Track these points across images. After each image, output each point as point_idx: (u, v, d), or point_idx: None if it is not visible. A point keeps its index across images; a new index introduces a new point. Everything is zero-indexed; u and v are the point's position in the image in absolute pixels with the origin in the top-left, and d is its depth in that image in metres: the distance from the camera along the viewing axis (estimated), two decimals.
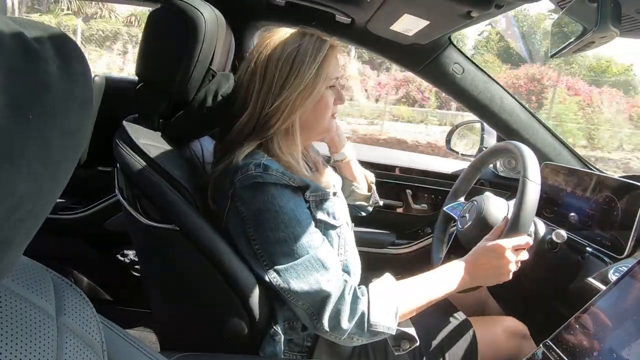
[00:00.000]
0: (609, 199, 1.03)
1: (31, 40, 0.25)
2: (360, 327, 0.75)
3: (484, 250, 0.86)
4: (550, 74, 12.84)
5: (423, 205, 1.63)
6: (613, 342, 0.63)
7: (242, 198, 0.77)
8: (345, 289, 0.76)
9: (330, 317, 0.74)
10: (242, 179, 0.76)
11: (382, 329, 0.75)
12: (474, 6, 0.91)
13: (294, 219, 0.76)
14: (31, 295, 0.34)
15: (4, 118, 0.22)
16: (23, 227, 0.26)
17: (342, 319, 0.74)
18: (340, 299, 0.74)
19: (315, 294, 0.74)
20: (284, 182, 0.77)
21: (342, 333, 0.75)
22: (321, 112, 0.87)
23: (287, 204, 0.76)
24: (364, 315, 0.74)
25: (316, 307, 0.75)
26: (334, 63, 0.85)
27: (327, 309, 0.74)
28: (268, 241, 0.76)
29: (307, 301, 0.75)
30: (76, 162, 0.30)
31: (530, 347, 1.01)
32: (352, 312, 0.74)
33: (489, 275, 0.86)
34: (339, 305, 0.74)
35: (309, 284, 0.74)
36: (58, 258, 1.49)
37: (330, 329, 0.74)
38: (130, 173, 0.80)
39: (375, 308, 0.75)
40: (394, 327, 0.76)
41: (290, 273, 0.75)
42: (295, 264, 0.75)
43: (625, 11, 0.67)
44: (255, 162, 0.77)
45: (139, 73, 0.89)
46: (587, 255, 1.04)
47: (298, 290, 0.74)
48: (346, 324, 0.74)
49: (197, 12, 0.82)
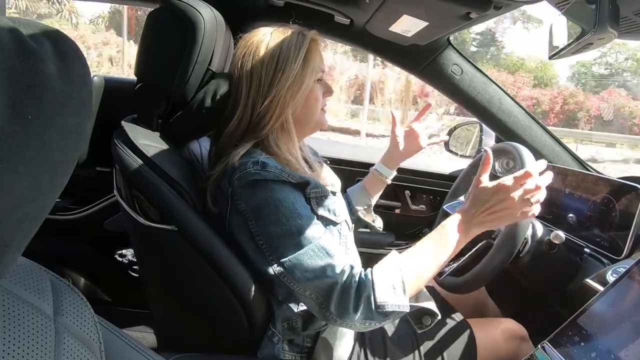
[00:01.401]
0: (607, 200, 1.04)
1: (30, 41, 0.25)
2: (368, 310, 0.71)
3: (482, 192, 0.79)
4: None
5: (421, 206, 1.64)
6: (611, 343, 0.63)
7: (242, 196, 0.76)
8: (350, 274, 0.73)
9: (337, 305, 0.72)
10: (240, 177, 0.76)
11: (392, 307, 0.72)
12: (472, 7, 0.92)
13: (295, 212, 0.75)
14: (29, 296, 0.34)
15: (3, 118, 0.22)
16: (22, 228, 0.26)
17: (349, 305, 0.71)
18: (345, 285, 0.72)
19: (322, 282, 0.72)
20: (282, 179, 0.77)
21: (351, 319, 0.72)
22: (312, 106, 0.87)
23: (286, 198, 0.76)
24: (369, 298, 0.71)
25: (324, 295, 0.72)
26: (318, 55, 0.86)
27: (334, 296, 0.72)
28: (271, 235, 0.75)
29: (315, 290, 0.73)
30: (75, 163, 0.30)
31: (528, 349, 1.01)
32: (357, 297, 0.72)
33: (494, 220, 0.79)
34: (344, 291, 0.72)
35: (314, 272, 0.73)
36: (56, 258, 1.49)
37: (338, 316, 0.72)
38: (128, 173, 0.80)
39: (381, 288, 0.72)
40: (404, 304, 0.73)
41: (295, 263, 0.73)
42: (300, 253, 0.73)
43: (624, 13, 0.67)
44: (253, 160, 0.77)
45: (138, 73, 0.89)
46: (585, 256, 1.04)
47: (304, 280, 0.73)
48: (352, 310, 0.71)
49: (196, 13, 0.82)
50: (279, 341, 0.82)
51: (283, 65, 0.81)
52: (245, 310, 0.80)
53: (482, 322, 1.05)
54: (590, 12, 0.64)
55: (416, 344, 0.93)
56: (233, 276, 0.79)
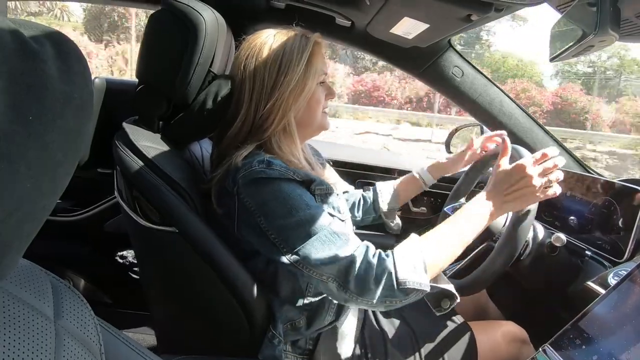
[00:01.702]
0: (609, 203, 1.03)
1: (31, 42, 0.25)
2: (389, 287, 0.71)
3: (502, 174, 0.81)
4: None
5: (422, 208, 1.63)
6: (612, 346, 0.63)
7: (248, 193, 0.76)
8: (368, 252, 0.73)
9: (357, 282, 0.71)
10: (245, 175, 0.76)
11: (413, 285, 0.71)
12: (473, 10, 0.92)
13: (303, 203, 0.75)
14: (29, 298, 0.34)
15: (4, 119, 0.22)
16: (23, 229, 0.26)
17: (369, 280, 0.71)
18: (364, 262, 0.72)
19: (339, 263, 0.72)
20: (288, 176, 0.76)
21: (372, 296, 0.71)
22: (313, 108, 0.87)
23: (293, 191, 0.76)
24: (391, 274, 0.71)
25: (342, 276, 0.72)
26: (321, 58, 0.86)
27: (353, 273, 0.71)
28: (282, 228, 0.74)
29: (332, 272, 0.72)
30: (76, 164, 0.30)
31: (529, 351, 1.01)
32: (378, 273, 0.71)
33: (517, 198, 0.80)
34: (364, 268, 0.71)
35: (330, 255, 0.72)
36: (57, 260, 1.49)
37: (359, 293, 0.71)
38: (129, 175, 0.80)
39: (402, 265, 0.72)
40: (425, 282, 0.72)
41: (309, 250, 0.72)
42: (313, 239, 0.73)
43: (625, 15, 0.67)
44: (258, 159, 0.77)
45: (139, 75, 0.89)
46: (587, 259, 1.04)
47: (320, 264, 0.72)
48: (374, 285, 0.71)
49: (198, 15, 0.83)
50: (279, 343, 0.82)
51: (286, 68, 0.81)
52: (246, 312, 0.80)
53: (483, 324, 1.04)
54: (591, 14, 0.64)
55: (417, 346, 0.93)
56: (233, 278, 0.79)
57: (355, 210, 1.18)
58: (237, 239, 0.81)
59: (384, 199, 1.16)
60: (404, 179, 1.18)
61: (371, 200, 1.17)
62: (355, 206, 1.18)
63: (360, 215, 1.18)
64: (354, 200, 1.18)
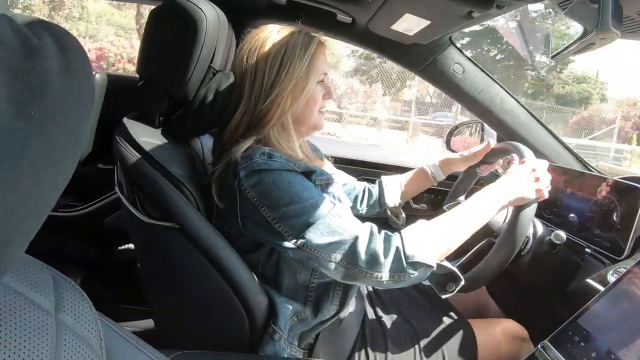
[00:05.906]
0: (608, 201, 1.03)
1: (32, 37, 0.25)
2: (398, 261, 0.73)
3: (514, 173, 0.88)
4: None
5: (423, 205, 1.63)
6: (611, 343, 0.63)
7: (250, 185, 0.76)
8: (373, 229, 0.75)
9: (366, 257, 0.72)
10: (247, 167, 0.76)
11: (421, 259, 0.73)
12: (475, 6, 0.91)
13: (306, 190, 0.76)
14: (30, 292, 0.34)
15: (5, 115, 0.22)
16: (25, 226, 0.26)
17: (378, 254, 0.72)
18: (371, 238, 0.73)
19: (345, 241, 0.73)
20: (289, 168, 0.77)
21: (381, 269, 0.72)
22: (310, 107, 0.87)
23: (294, 180, 0.76)
24: (399, 249, 0.73)
25: (350, 255, 0.73)
26: (322, 59, 0.86)
27: (361, 249, 0.72)
28: (286, 216, 0.75)
29: (340, 252, 0.73)
30: (77, 160, 0.30)
31: (529, 349, 1.01)
32: (386, 247, 0.73)
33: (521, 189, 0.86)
34: (372, 244, 0.73)
35: (336, 235, 0.73)
36: (57, 255, 1.49)
37: (368, 267, 0.72)
38: (129, 170, 0.80)
39: (409, 241, 0.74)
40: (433, 259, 0.75)
41: (315, 232, 0.73)
42: (319, 222, 0.74)
43: (627, 13, 0.67)
44: (259, 152, 0.77)
45: (140, 71, 0.89)
46: (586, 256, 1.04)
47: (327, 243, 0.73)
48: (382, 259, 0.72)
49: (199, 10, 0.82)
50: (280, 338, 0.82)
51: (287, 66, 0.81)
52: (246, 307, 0.81)
53: (483, 322, 1.05)
54: (593, 11, 0.64)
55: (416, 342, 0.94)
56: (234, 273, 0.79)
57: (358, 203, 1.18)
58: (238, 233, 0.81)
59: (389, 193, 1.16)
60: (414, 173, 1.18)
61: (377, 194, 1.17)
62: (359, 200, 1.18)
63: (364, 209, 1.18)
64: (357, 194, 1.18)
